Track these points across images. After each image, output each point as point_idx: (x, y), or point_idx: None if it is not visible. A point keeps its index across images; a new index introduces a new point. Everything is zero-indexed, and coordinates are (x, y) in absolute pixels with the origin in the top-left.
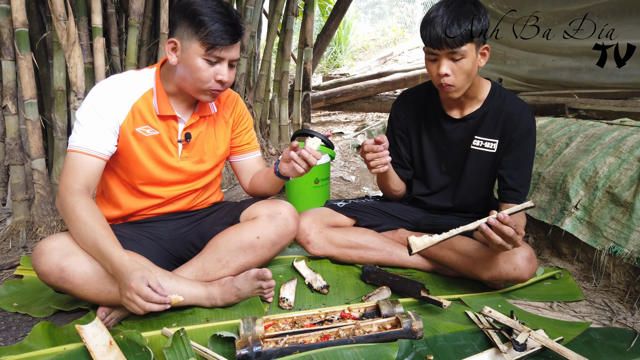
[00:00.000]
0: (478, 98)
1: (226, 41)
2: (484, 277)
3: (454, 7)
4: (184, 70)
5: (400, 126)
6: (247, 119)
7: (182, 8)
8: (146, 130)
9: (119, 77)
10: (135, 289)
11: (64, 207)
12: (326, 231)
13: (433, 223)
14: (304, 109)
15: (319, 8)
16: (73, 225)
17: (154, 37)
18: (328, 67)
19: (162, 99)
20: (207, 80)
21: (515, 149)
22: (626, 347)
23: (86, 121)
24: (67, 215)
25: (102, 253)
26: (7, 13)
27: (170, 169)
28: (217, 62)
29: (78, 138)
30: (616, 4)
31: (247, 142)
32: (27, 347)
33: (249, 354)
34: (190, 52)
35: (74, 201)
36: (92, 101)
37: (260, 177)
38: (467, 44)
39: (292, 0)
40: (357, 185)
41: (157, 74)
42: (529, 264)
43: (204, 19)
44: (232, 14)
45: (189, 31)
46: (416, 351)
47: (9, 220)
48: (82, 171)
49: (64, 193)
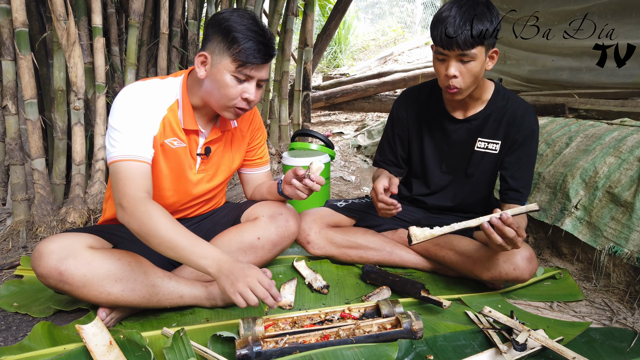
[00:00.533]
0: (482, 99)
1: (258, 60)
2: (484, 277)
3: (467, 7)
4: (211, 85)
5: (401, 125)
6: (262, 132)
7: (216, 23)
8: (174, 142)
9: (146, 85)
10: (258, 277)
11: (136, 217)
12: (326, 231)
13: (432, 223)
14: (304, 109)
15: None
16: (153, 235)
17: (154, 37)
18: (328, 67)
19: (188, 112)
20: (233, 97)
21: (518, 150)
22: (626, 347)
23: (125, 128)
24: (145, 225)
25: (196, 254)
26: (7, 13)
27: (186, 182)
28: (246, 80)
29: (121, 146)
30: (616, 4)
31: (259, 156)
32: (27, 347)
33: (249, 354)
34: (220, 67)
35: (147, 210)
36: (127, 109)
37: (264, 189)
38: (477, 47)
39: (292, 0)
40: (357, 185)
41: (183, 86)
42: (529, 264)
43: (238, 35)
44: (267, 34)
45: (221, 46)
46: (416, 351)
47: (9, 220)
48: (140, 178)
49: (133, 204)
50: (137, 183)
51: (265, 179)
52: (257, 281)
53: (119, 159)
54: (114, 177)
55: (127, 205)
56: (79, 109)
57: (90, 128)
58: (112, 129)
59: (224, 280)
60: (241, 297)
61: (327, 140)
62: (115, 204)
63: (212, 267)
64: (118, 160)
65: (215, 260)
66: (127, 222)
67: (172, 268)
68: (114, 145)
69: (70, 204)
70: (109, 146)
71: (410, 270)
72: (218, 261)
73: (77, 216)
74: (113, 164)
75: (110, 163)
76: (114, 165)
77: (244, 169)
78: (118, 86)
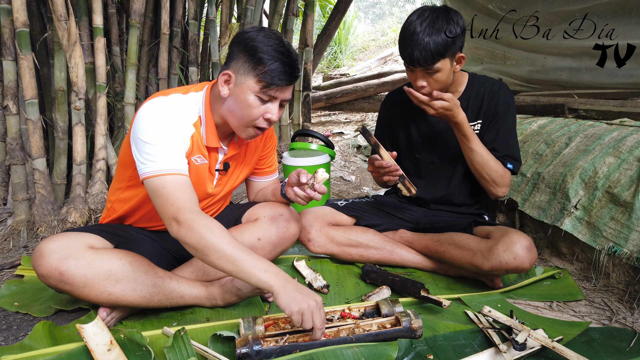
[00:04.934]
0: (458, 90)
1: (283, 82)
2: (484, 268)
3: (427, 23)
4: (233, 104)
5: (388, 125)
6: (274, 141)
7: (242, 42)
8: (198, 159)
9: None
10: (320, 306)
11: (195, 231)
12: (327, 229)
13: (432, 221)
14: (304, 109)
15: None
16: (213, 249)
17: (155, 38)
18: (328, 68)
19: (211, 129)
20: (255, 118)
21: (495, 125)
22: (625, 347)
23: (161, 142)
24: (204, 239)
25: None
26: (8, 13)
27: (203, 196)
28: (269, 101)
29: (161, 160)
30: (616, 4)
31: (269, 165)
32: (28, 346)
33: (249, 352)
34: (244, 87)
35: (207, 224)
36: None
37: (268, 192)
38: (440, 61)
39: (292, 1)
40: (357, 185)
41: (207, 102)
42: (528, 252)
43: (264, 56)
44: (292, 55)
45: (246, 66)
46: (416, 350)
47: (10, 220)
48: (190, 191)
49: (190, 218)
50: (189, 197)
51: (273, 185)
52: (318, 310)
53: (161, 173)
54: (158, 191)
55: (184, 219)
56: (80, 109)
57: (91, 128)
58: (145, 143)
59: (289, 296)
60: (301, 318)
61: (327, 140)
62: (166, 218)
63: (275, 281)
64: (161, 174)
65: (281, 276)
66: (184, 235)
67: (172, 268)
68: (151, 160)
69: (71, 203)
70: (143, 160)
71: (410, 269)
72: (283, 277)
73: (78, 216)
74: (154, 178)
75: (149, 177)
76: (157, 179)
77: (253, 177)
78: (119, 86)
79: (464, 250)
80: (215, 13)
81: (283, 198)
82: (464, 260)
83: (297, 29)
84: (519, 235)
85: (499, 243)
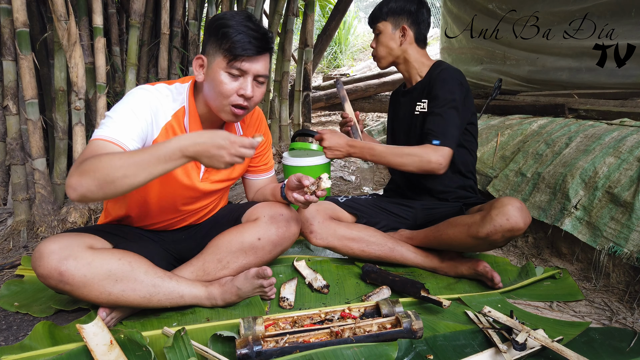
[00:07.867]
0: (420, 75)
1: (248, 52)
2: (481, 235)
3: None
4: (208, 86)
5: (390, 120)
6: (268, 138)
7: (211, 24)
8: None
9: (153, 89)
10: (228, 135)
11: (86, 170)
12: (329, 222)
13: (428, 214)
14: (304, 109)
15: (320, 8)
16: (112, 167)
17: (155, 37)
18: (328, 67)
19: (194, 119)
20: (229, 94)
21: (433, 101)
22: (626, 347)
23: (119, 116)
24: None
25: (159, 156)
26: (8, 13)
27: (189, 189)
28: (241, 76)
29: (108, 129)
30: (616, 4)
31: (264, 162)
32: (28, 346)
33: (249, 353)
34: (214, 66)
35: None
36: (128, 103)
37: (267, 192)
38: (380, 22)
39: (292, 1)
40: (357, 185)
41: (190, 93)
42: (520, 212)
43: (227, 30)
44: (259, 28)
45: (214, 45)
46: (416, 350)
47: (10, 220)
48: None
49: (75, 167)
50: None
51: (270, 183)
52: (229, 141)
53: (99, 138)
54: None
55: (71, 172)
56: (80, 109)
57: (91, 128)
58: (107, 115)
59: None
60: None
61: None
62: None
63: (189, 151)
64: (101, 139)
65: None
66: (80, 183)
67: (172, 268)
68: (100, 128)
69: (71, 203)
70: (98, 127)
71: (410, 269)
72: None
73: (78, 216)
74: (94, 141)
75: (92, 140)
76: (91, 142)
77: (249, 175)
78: (119, 86)
79: (460, 227)
80: (215, 13)
81: (282, 199)
82: (460, 235)
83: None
84: (509, 198)
85: (491, 209)
